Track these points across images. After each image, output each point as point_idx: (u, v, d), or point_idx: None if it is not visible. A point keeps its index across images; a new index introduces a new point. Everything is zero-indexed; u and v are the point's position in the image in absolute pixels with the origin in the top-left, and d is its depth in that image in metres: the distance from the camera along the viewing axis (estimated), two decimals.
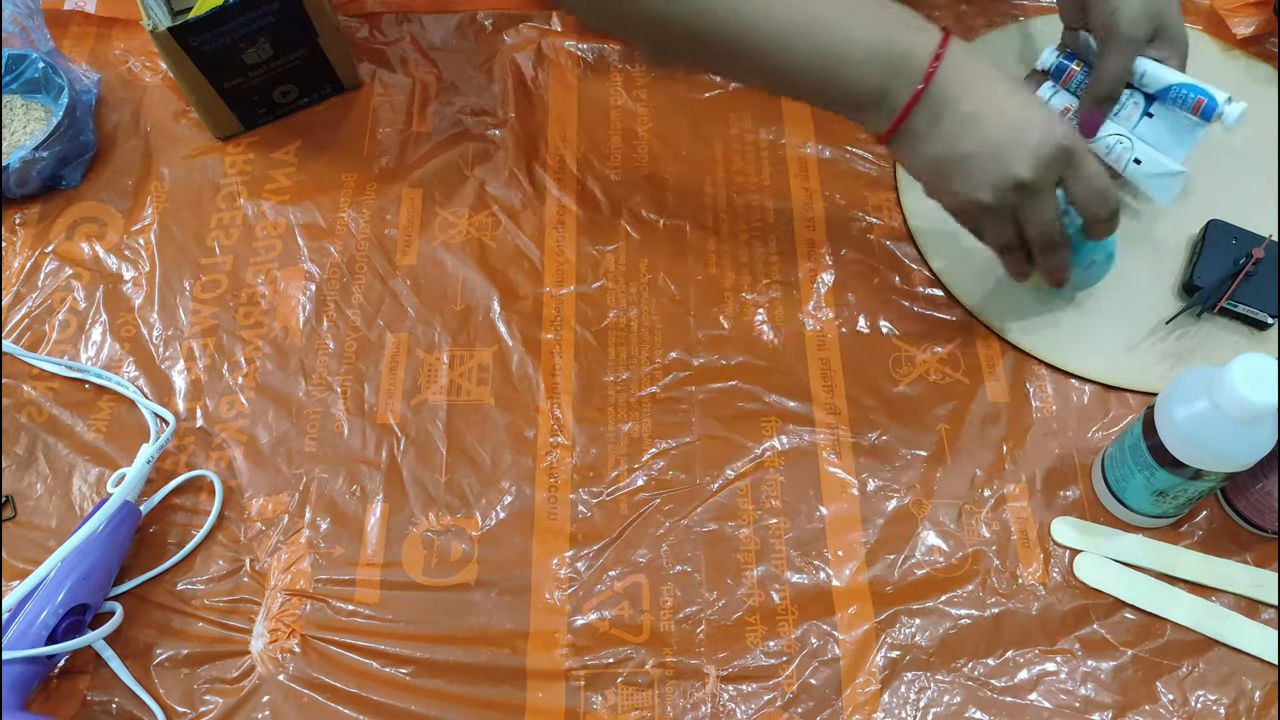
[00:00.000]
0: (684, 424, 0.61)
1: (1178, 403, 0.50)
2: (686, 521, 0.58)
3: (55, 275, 0.67)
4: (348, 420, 0.61)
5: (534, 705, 0.53)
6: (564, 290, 0.66)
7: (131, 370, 0.63)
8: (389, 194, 0.69)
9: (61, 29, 0.76)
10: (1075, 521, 0.58)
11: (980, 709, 0.53)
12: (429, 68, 0.75)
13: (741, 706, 0.53)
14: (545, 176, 0.70)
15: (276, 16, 0.65)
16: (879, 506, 0.59)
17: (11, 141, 0.68)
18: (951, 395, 0.62)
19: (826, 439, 0.61)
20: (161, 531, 0.58)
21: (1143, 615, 0.55)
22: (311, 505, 0.59)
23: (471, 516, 0.59)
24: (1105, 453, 0.58)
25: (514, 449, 0.60)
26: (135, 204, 0.69)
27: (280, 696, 0.54)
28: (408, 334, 0.64)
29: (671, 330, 0.64)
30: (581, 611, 0.56)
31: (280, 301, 0.65)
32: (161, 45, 0.63)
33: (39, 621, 0.51)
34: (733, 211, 0.69)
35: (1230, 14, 0.73)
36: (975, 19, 0.76)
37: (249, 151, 0.71)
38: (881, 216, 0.68)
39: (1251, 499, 0.56)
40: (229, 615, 0.56)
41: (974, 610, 0.56)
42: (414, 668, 0.54)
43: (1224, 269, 0.62)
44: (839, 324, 0.64)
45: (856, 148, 0.71)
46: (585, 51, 0.75)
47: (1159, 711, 0.53)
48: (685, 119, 0.73)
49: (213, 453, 0.61)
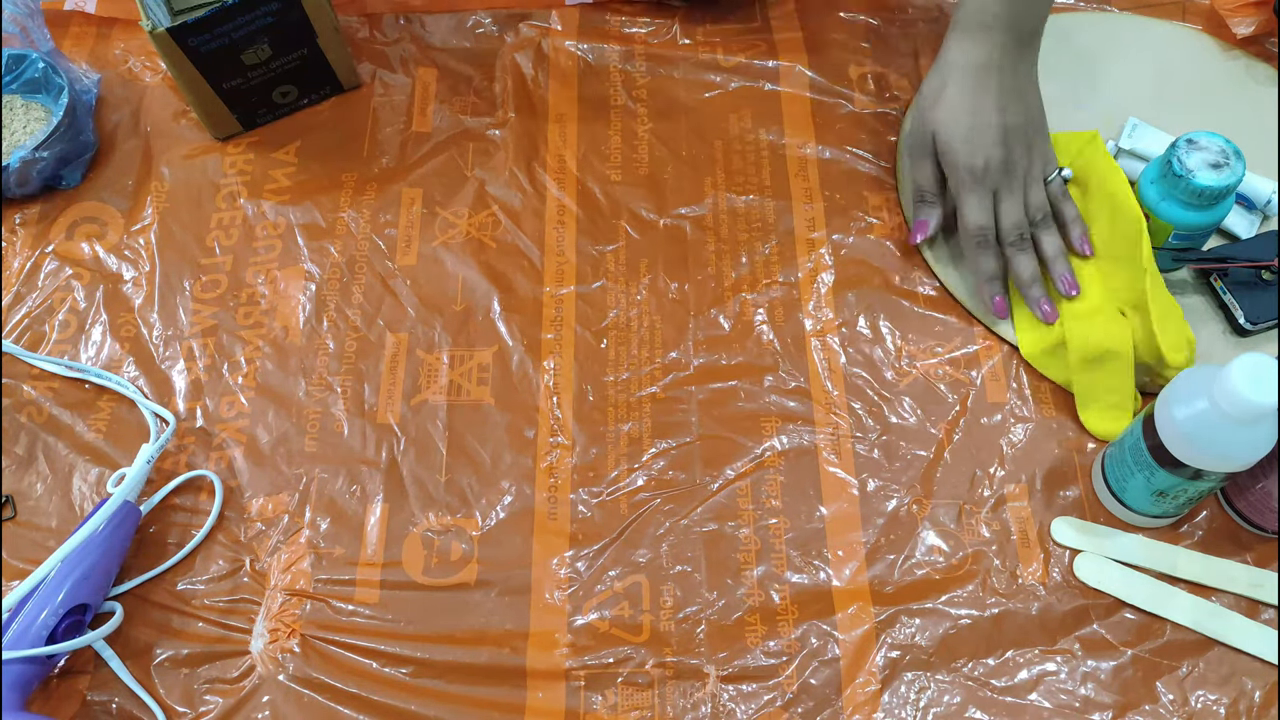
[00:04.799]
0: (684, 424, 0.61)
1: (1178, 403, 0.50)
2: (686, 521, 0.58)
3: (55, 275, 0.67)
4: (348, 420, 0.61)
5: (534, 705, 0.53)
6: (564, 290, 0.66)
7: (131, 370, 0.63)
8: (389, 194, 0.69)
9: (61, 29, 0.76)
10: (1075, 521, 0.58)
11: (980, 709, 0.53)
12: (429, 68, 0.75)
13: (741, 706, 0.53)
14: (545, 176, 0.70)
15: (275, 17, 0.65)
16: (879, 506, 0.59)
17: (11, 141, 0.68)
18: (951, 395, 0.62)
19: (826, 439, 0.61)
20: (161, 531, 0.58)
21: (1143, 615, 0.55)
22: (311, 505, 0.59)
23: (471, 516, 0.59)
24: (1105, 453, 0.58)
25: (514, 449, 0.60)
26: (135, 204, 0.69)
27: (280, 696, 0.54)
28: (408, 334, 0.64)
29: (671, 330, 0.64)
30: (581, 611, 0.56)
31: (280, 301, 0.65)
32: (160, 46, 0.63)
33: (39, 621, 0.51)
34: (733, 211, 0.69)
35: (1230, 14, 0.73)
36: None
37: (249, 151, 0.71)
38: (881, 216, 0.68)
39: (1251, 499, 0.56)
40: (229, 615, 0.56)
41: (974, 610, 0.56)
42: (414, 668, 0.54)
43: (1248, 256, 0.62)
44: (839, 324, 0.64)
45: (856, 148, 0.71)
46: (585, 51, 0.75)
47: (1159, 711, 0.53)
48: (685, 119, 0.73)
49: (213, 453, 0.61)
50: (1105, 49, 0.74)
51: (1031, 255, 0.62)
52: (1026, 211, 0.62)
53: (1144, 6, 0.76)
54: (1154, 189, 0.61)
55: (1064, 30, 0.75)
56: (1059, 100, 0.71)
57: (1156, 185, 0.61)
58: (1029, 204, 0.62)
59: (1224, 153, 0.59)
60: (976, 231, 0.62)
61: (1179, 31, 0.75)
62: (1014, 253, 0.62)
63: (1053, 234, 0.63)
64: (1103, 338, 0.59)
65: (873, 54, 0.75)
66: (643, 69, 0.75)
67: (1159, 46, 0.74)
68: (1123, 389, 0.59)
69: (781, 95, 0.73)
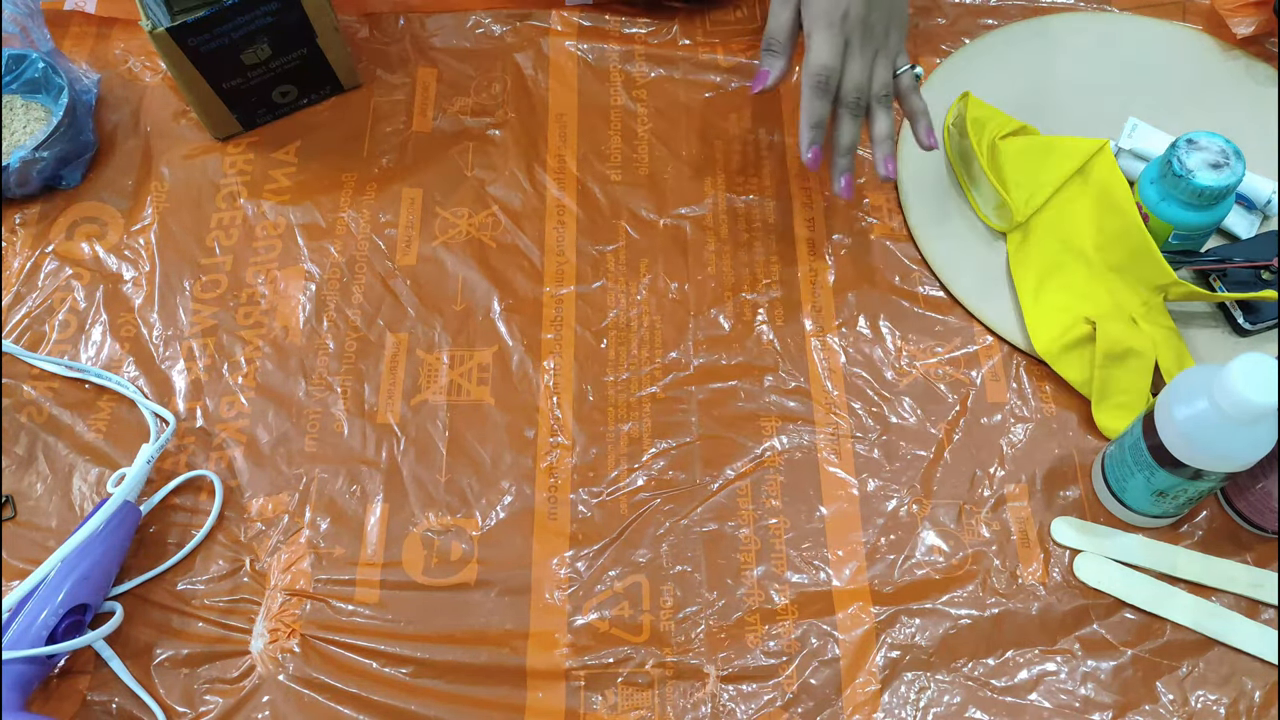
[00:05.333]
0: (684, 424, 0.61)
1: (1178, 403, 0.50)
2: (686, 521, 0.58)
3: (55, 275, 0.67)
4: (348, 420, 0.61)
5: (534, 705, 0.53)
6: (564, 290, 0.66)
7: (131, 370, 0.63)
8: (389, 194, 0.69)
9: (61, 29, 0.76)
10: (1075, 521, 0.58)
11: (980, 709, 0.53)
12: (429, 68, 0.75)
13: (741, 706, 0.53)
14: (545, 176, 0.70)
15: (275, 17, 0.65)
16: (879, 506, 0.59)
17: (11, 141, 0.68)
18: (951, 395, 0.62)
19: (826, 439, 0.61)
20: (161, 531, 0.58)
21: (1143, 615, 0.55)
22: (311, 505, 0.59)
23: (471, 516, 0.59)
24: (1105, 453, 0.58)
25: (514, 449, 0.60)
26: (135, 204, 0.69)
27: (280, 696, 0.54)
28: (408, 334, 0.64)
29: (671, 330, 0.64)
30: (581, 611, 0.56)
31: (280, 301, 0.65)
32: (160, 46, 0.63)
33: (39, 621, 0.51)
34: (733, 211, 0.69)
35: (1230, 14, 0.73)
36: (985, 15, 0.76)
37: (249, 151, 0.71)
38: (881, 216, 0.68)
39: (1251, 499, 0.56)
40: (229, 615, 0.56)
41: (974, 610, 0.56)
42: (414, 668, 0.54)
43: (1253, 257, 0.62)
44: (839, 324, 0.64)
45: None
46: (585, 51, 0.75)
47: (1159, 711, 0.53)
48: (685, 119, 0.73)
49: (213, 453, 0.61)
50: (1105, 49, 0.74)
51: (859, 125, 0.61)
52: (870, 83, 0.60)
53: (1144, 6, 0.76)
54: (1154, 189, 0.61)
55: (1064, 30, 0.75)
56: (1059, 100, 0.71)
57: (1156, 185, 0.61)
58: (874, 77, 0.60)
59: (1224, 153, 0.59)
60: (820, 70, 0.58)
61: (1179, 31, 0.75)
62: (845, 115, 0.60)
63: (888, 116, 0.61)
64: (1127, 335, 0.59)
65: None
66: (643, 69, 0.74)
67: (1159, 46, 0.74)
68: (1137, 389, 0.60)
69: (781, 95, 0.73)
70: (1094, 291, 0.63)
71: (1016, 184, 0.66)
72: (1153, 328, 0.61)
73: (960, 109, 0.69)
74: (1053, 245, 0.64)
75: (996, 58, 0.74)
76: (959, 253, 0.66)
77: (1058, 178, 0.65)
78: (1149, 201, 0.61)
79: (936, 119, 0.71)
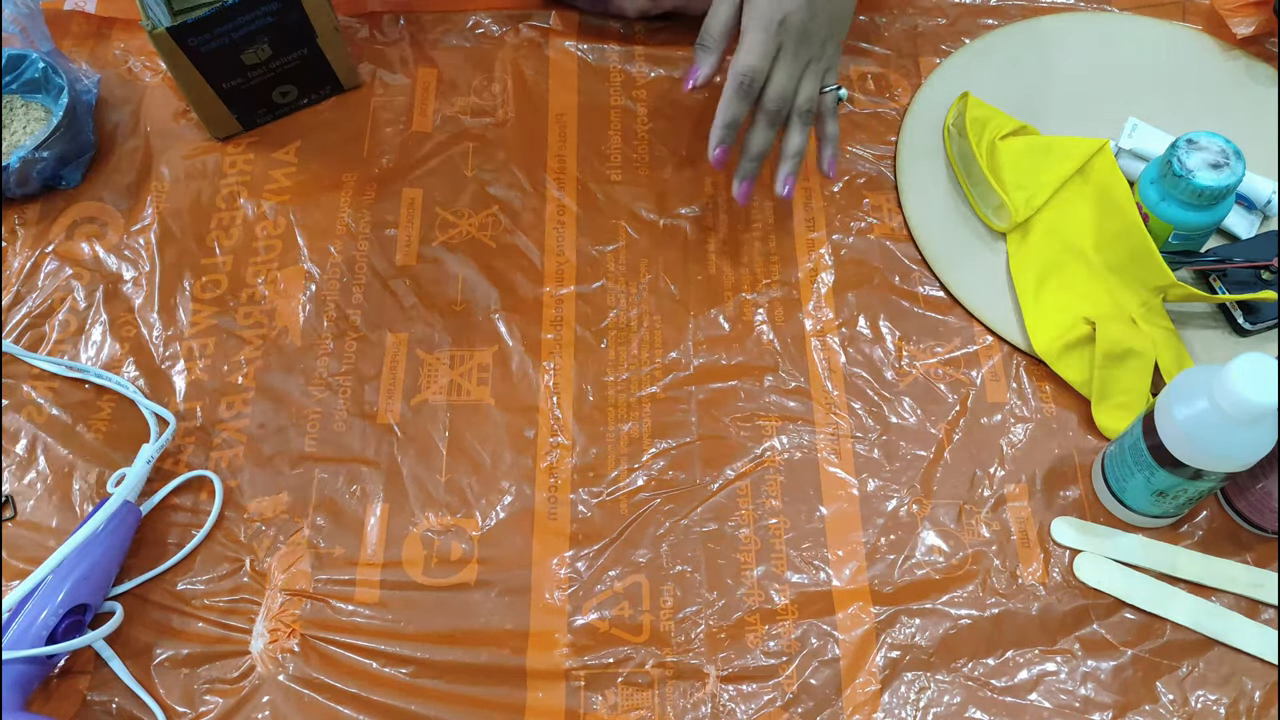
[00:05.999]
0: (684, 424, 0.61)
1: (1178, 403, 0.50)
2: (686, 521, 0.58)
3: (55, 275, 0.66)
4: (348, 420, 0.61)
5: (534, 705, 0.53)
6: (564, 290, 0.66)
7: (131, 370, 0.63)
8: (389, 194, 0.69)
9: (61, 29, 0.76)
10: (1075, 521, 0.58)
11: (980, 709, 0.53)
12: (429, 68, 0.75)
13: (741, 706, 0.53)
14: (545, 176, 0.70)
15: (275, 17, 0.65)
16: (879, 506, 0.59)
17: (11, 141, 0.68)
18: (951, 395, 0.62)
19: (826, 439, 0.61)
20: (161, 531, 0.58)
21: (1143, 615, 0.55)
22: (311, 505, 0.59)
23: (471, 516, 0.59)
24: (1105, 453, 0.58)
25: (514, 449, 0.60)
26: (135, 204, 0.69)
27: (280, 696, 0.54)
28: (408, 334, 0.64)
29: (671, 330, 0.64)
30: (581, 611, 0.56)
31: (280, 301, 0.65)
32: (160, 45, 0.63)
33: (39, 621, 0.51)
34: (733, 211, 0.69)
35: (1230, 14, 0.73)
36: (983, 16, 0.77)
37: (249, 151, 0.71)
38: (881, 216, 0.68)
39: (1251, 499, 0.56)
40: (229, 615, 0.56)
41: (974, 610, 0.56)
42: (414, 668, 0.54)
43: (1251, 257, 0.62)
44: (839, 324, 0.64)
45: (857, 147, 0.71)
46: (585, 51, 0.75)
47: (1159, 711, 0.53)
48: (685, 119, 0.72)
49: (213, 453, 0.61)
50: (1105, 49, 0.74)
51: (774, 134, 0.60)
52: (795, 95, 0.60)
53: (1144, 6, 0.76)
54: (1154, 189, 0.61)
55: (1064, 30, 0.75)
56: (1059, 100, 0.71)
57: (1156, 185, 0.61)
58: (800, 90, 0.59)
59: (1224, 153, 0.59)
60: (745, 71, 0.58)
61: (1179, 31, 0.75)
62: (762, 121, 0.59)
63: (804, 134, 0.60)
64: (1127, 336, 0.59)
65: (872, 54, 0.75)
66: (643, 69, 0.74)
67: (1159, 46, 0.74)
68: (1136, 389, 0.60)
69: None
70: (1094, 292, 0.63)
71: (1016, 184, 0.66)
72: (1152, 328, 0.61)
73: (960, 109, 0.69)
74: (1053, 245, 0.64)
75: (996, 58, 0.74)
76: (959, 253, 0.66)
77: (1057, 178, 0.65)
78: (1149, 202, 0.61)
79: (937, 119, 0.71)
